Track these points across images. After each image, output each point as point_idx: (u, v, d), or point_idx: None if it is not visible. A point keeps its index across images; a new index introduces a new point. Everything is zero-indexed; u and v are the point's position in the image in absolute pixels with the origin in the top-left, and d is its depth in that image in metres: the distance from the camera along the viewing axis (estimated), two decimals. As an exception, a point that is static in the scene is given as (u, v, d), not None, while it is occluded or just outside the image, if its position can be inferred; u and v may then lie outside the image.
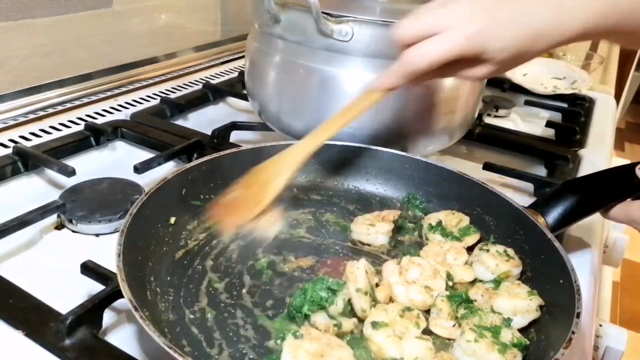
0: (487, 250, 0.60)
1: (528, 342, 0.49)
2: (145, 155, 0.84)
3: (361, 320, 0.52)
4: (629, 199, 0.63)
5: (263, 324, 0.52)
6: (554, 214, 0.62)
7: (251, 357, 0.48)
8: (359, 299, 0.51)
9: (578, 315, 0.47)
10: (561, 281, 0.53)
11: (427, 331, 0.52)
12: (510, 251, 0.60)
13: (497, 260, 0.58)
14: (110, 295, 0.52)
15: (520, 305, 0.53)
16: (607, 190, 0.64)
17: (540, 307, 0.53)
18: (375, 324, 0.50)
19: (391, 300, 0.55)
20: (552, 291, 0.54)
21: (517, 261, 0.59)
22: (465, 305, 0.54)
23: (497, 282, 0.57)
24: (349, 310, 0.51)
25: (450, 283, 0.58)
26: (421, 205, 0.72)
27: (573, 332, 0.45)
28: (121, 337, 0.52)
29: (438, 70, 0.54)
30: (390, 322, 0.50)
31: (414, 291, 0.55)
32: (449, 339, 0.52)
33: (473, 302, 0.55)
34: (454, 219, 0.66)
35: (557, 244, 0.56)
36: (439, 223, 0.65)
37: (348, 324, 0.51)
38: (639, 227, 0.60)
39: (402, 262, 0.59)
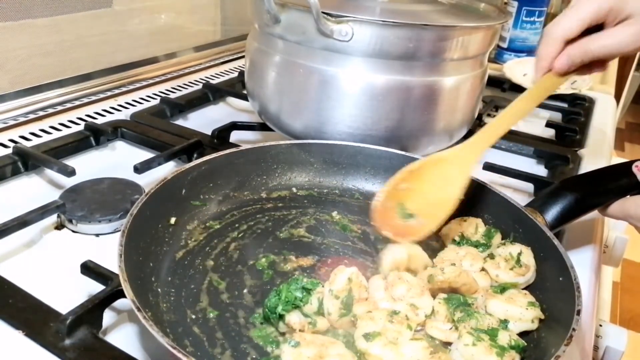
0: (492, 257, 0.59)
1: (526, 344, 0.49)
2: (145, 155, 0.84)
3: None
4: (627, 196, 0.63)
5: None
6: (552, 212, 0.62)
7: (253, 357, 0.48)
8: (328, 299, 0.51)
9: (578, 313, 0.47)
10: (561, 279, 0.53)
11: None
12: (525, 254, 0.58)
13: (498, 270, 0.58)
14: (111, 295, 0.52)
15: (512, 311, 0.52)
16: (604, 188, 0.64)
17: (540, 320, 0.52)
18: (367, 336, 0.48)
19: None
20: (552, 289, 0.54)
21: (524, 269, 0.57)
22: (462, 308, 0.53)
23: (503, 288, 0.55)
24: (322, 311, 0.51)
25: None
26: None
27: (574, 329, 0.45)
28: (121, 337, 0.52)
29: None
30: (382, 330, 0.49)
31: (398, 309, 0.52)
32: (445, 342, 0.51)
33: (470, 305, 0.54)
34: (470, 226, 0.64)
35: (556, 241, 0.56)
36: (462, 236, 0.63)
37: (323, 322, 0.50)
38: (635, 223, 0.60)
39: (388, 277, 0.56)
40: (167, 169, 0.81)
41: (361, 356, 0.48)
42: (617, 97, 1.46)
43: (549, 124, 1.11)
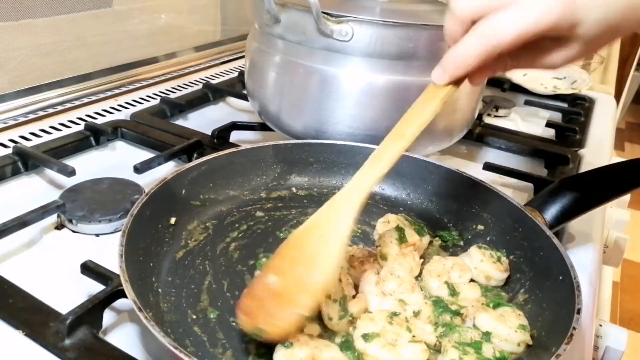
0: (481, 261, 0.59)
1: (510, 354, 0.49)
2: (145, 155, 0.84)
3: (325, 328, 0.50)
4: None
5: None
6: (552, 211, 0.62)
7: (255, 356, 0.48)
8: (326, 306, 0.50)
9: (579, 311, 0.47)
10: (561, 277, 0.53)
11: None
12: (503, 259, 0.60)
13: (483, 259, 0.58)
14: (111, 295, 0.52)
15: (500, 330, 0.50)
16: (603, 187, 0.64)
17: (527, 345, 0.51)
18: (366, 336, 0.48)
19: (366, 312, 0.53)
20: (552, 288, 0.54)
21: (504, 267, 0.58)
22: (450, 315, 0.53)
23: (497, 304, 0.54)
24: (316, 316, 0.50)
25: (454, 299, 0.56)
26: (422, 205, 0.72)
27: (574, 328, 0.45)
28: (121, 337, 0.52)
29: (513, 56, 0.48)
30: (381, 331, 0.49)
31: (387, 304, 0.53)
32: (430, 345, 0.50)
33: (460, 315, 0.53)
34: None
35: (555, 240, 0.56)
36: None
37: (312, 328, 0.49)
38: None
39: (381, 273, 0.56)
40: (167, 169, 0.81)
41: (359, 356, 0.48)
42: (617, 97, 1.46)
43: (549, 124, 1.11)
